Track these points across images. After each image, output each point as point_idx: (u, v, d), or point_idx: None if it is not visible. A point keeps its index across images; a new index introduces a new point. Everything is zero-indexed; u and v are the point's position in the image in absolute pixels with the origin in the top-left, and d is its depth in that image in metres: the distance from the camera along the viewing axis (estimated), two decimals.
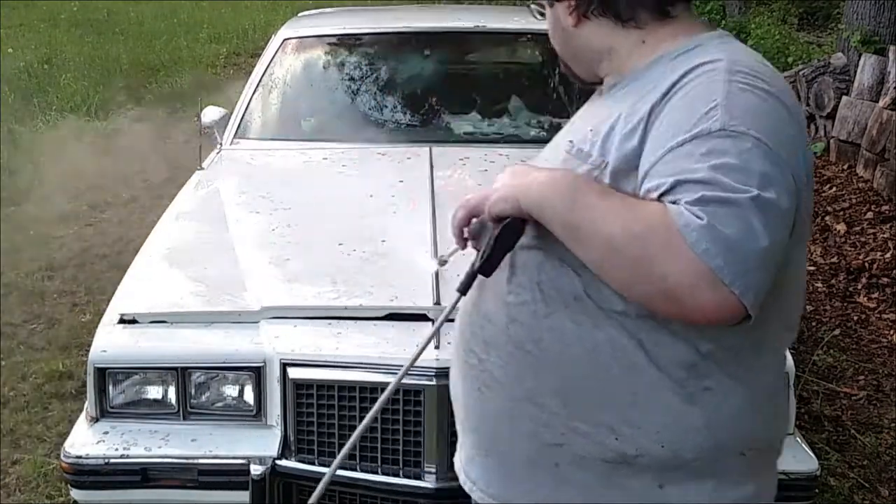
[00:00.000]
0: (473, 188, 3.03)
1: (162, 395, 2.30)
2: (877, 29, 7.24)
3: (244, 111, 3.73)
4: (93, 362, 2.28)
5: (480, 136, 3.62)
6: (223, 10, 14.39)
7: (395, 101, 3.88)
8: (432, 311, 2.24)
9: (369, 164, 3.35)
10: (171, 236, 2.79)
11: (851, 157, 6.29)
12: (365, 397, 2.17)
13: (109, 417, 2.31)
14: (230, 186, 3.15)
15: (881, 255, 4.92)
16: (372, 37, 4.14)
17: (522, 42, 4.31)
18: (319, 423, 2.20)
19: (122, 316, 2.36)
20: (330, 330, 2.26)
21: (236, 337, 2.28)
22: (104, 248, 5.21)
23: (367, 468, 2.19)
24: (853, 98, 6.34)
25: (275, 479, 2.19)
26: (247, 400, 2.28)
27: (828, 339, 4.15)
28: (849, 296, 4.58)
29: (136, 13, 13.70)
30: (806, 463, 2.22)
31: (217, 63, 10.96)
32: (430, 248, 2.53)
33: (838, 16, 9.14)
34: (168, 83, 9.64)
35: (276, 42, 4.00)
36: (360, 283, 2.39)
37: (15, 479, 3.06)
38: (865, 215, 5.50)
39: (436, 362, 2.12)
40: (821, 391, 3.67)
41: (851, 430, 3.40)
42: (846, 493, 3.03)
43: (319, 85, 3.99)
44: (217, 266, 2.56)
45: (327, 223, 2.79)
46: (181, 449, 2.24)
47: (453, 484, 2.13)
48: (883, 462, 3.22)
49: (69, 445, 2.27)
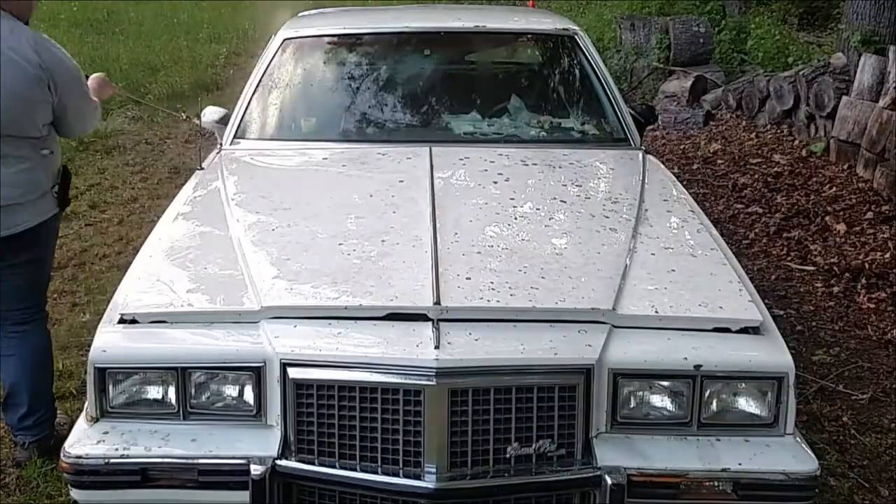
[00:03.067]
0: (473, 188, 3.06)
1: (162, 395, 2.30)
2: (877, 29, 7.25)
3: (244, 111, 3.73)
4: (93, 362, 2.28)
5: (480, 136, 3.63)
6: (223, 10, 14.40)
7: (394, 100, 3.88)
8: (432, 311, 2.24)
9: (369, 164, 3.35)
10: (171, 236, 2.79)
11: (851, 157, 6.29)
12: (365, 397, 2.17)
13: (109, 417, 2.31)
14: (230, 186, 3.15)
15: (881, 255, 4.92)
16: (372, 37, 4.14)
17: (522, 42, 4.31)
18: (319, 423, 2.20)
19: (122, 316, 2.36)
20: (330, 330, 2.26)
21: (236, 337, 2.27)
22: (104, 248, 5.21)
23: (367, 468, 2.19)
24: (853, 98, 6.34)
25: (275, 479, 2.19)
26: (247, 400, 2.28)
27: (828, 338, 4.16)
28: (849, 296, 4.58)
29: (136, 13, 13.72)
30: (806, 463, 2.22)
31: (217, 63, 10.97)
32: (430, 248, 2.53)
33: (838, 16, 9.15)
34: (168, 83, 9.64)
35: (276, 42, 3.99)
36: (360, 283, 2.39)
37: (15, 479, 3.06)
38: (865, 215, 5.50)
39: (436, 362, 2.12)
40: (821, 391, 3.67)
41: (851, 430, 3.40)
42: (846, 493, 3.03)
43: (319, 85, 3.99)
44: (217, 266, 2.55)
45: (327, 223, 2.79)
46: (181, 449, 2.24)
47: (453, 484, 2.15)
48: (883, 462, 3.22)
49: (69, 445, 2.27)
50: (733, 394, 2.29)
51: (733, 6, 10.88)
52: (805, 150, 6.87)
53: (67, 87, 2.86)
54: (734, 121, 8.02)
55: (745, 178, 6.48)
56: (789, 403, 2.25)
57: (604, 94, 3.81)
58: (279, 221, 2.82)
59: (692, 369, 2.22)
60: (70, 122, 2.97)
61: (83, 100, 2.97)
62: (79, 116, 3.00)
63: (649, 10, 11.43)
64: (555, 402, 2.18)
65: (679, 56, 9.22)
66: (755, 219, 5.72)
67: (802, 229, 5.46)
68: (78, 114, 2.98)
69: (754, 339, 2.30)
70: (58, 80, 2.81)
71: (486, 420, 2.15)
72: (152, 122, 8.31)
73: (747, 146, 7.28)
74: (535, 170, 3.28)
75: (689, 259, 2.62)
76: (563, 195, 3.04)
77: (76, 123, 3.02)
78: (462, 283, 2.36)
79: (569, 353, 2.20)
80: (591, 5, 13.00)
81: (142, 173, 6.86)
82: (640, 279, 2.46)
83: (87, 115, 3.04)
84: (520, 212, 2.88)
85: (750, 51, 9.52)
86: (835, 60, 7.06)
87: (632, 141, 3.65)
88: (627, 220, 2.84)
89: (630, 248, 2.64)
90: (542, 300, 2.32)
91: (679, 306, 2.34)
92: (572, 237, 2.74)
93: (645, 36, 9.70)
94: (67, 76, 2.87)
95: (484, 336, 2.21)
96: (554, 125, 3.74)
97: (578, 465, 2.20)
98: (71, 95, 2.88)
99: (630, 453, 2.21)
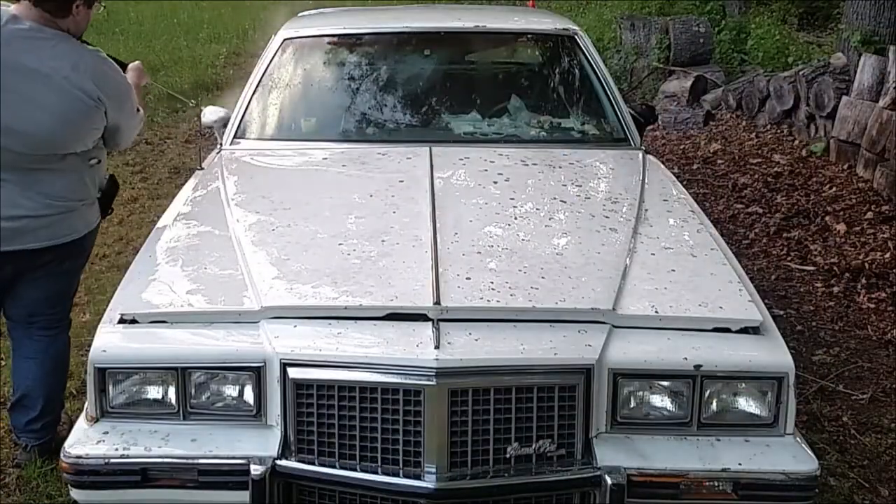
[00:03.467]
0: (473, 188, 3.06)
1: (162, 395, 2.30)
2: (877, 29, 7.26)
3: (244, 111, 3.72)
4: (93, 362, 2.28)
5: (480, 136, 3.63)
6: (223, 10, 14.40)
7: (395, 100, 3.88)
8: (432, 311, 2.24)
9: (369, 164, 3.35)
10: (171, 236, 2.79)
11: (851, 157, 6.29)
12: (365, 397, 2.17)
13: (109, 417, 2.31)
14: (230, 186, 3.15)
15: (881, 255, 4.92)
16: (372, 37, 4.14)
17: (522, 42, 4.31)
18: (319, 423, 2.20)
19: (122, 316, 2.36)
20: (330, 330, 2.26)
21: (236, 337, 2.27)
22: (104, 248, 5.20)
23: (367, 468, 2.19)
24: (853, 98, 6.34)
25: (275, 479, 2.19)
26: (247, 400, 2.28)
27: (828, 338, 4.16)
28: (849, 296, 4.58)
29: (136, 13, 13.71)
30: (806, 463, 2.22)
31: (217, 63, 10.97)
32: (430, 248, 2.53)
33: (838, 16, 9.15)
34: (168, 83, 9.63)
35: (275, 42, 3.99)
36: (360, 283, 2.39)
37: (15, 479, 3.06)
38: (865, 215, 5.50)
39: (436, 362, 2.12)
40: (821, 391, 3.67)
41: (851, 430, 3.40)
42: (846, 493, 3.03)
43: (319, 85, 3.99)
44: (217, 266, 2.55)
45: (327, 223, 2.79)
46: (181, 449, 2.24)
47: (453, 484, 2.15)
48: (883, 462, 3.22)
49: (69, 445, 2.27)
50: (733, 394, 2.29)
51: (733, 6, 10.88)
52: (805, 150, 6.87)
53: (120, 110, 2.86)
54: (734, 121, 8.02)
55: (745, 178, 6.48)
56: (789, 403, 2.25)
57: (604, 94, 3.81)
58: (279, 221, 2.82)
59: (692, 369, 2.22)
60: (117, 139, 2.97)
61: (133, 118, 2.98)
62: (127, 133, 3.01)
63: (649, 10, 11.44)
64: (555, 402, 2.18)
65: (679, 56, 9.22)
66: (755, 219, 5.72)
67: (802, 229, 5.46)
68: (127, 132, 2.99)
69: (754, 339, 2.30)
70: (113, 105, 2.80)
71: (486, 420, 2.15)
72: (152, 122, 8.30)
73: (747, 146, 7.28)
74: (535, 170, 3.28)
75: (689, 259, 2.62)
76: (563, 195, 3.04)
77: (123, 139, 3.03)
78: (462, 283, 2.36)
79: (569, 353, 2.20)
80: (591, 5, 13.01)
81: (142, 173, 6.86)
82: (640, 279, 2.46)
83: (135, 129, 3.06)
84: (520, 212, 2.88)
85: (750, 51, 9.52)
86: (835, 60, 7.05)
87: (632, 141, 3.65)
88: (627, 220, 2.84)
89: (630, 248, 2.64)
90: (542, 300, 2.32)
91: (679, 306, 2.34)
92: (572, 237, 2.74)
93: (645, 36, 9.70)
94: (122, 99, 2.86)
95: (484, 336, 2.21)
96: (554, 125, 3.74)
97: (578, 465, 2.20)
98: (122, 117, 2.89)
99: (630, 453, 2.21)
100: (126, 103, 2.89)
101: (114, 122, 2.85)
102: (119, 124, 2.89)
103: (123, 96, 2.87)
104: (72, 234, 2.87)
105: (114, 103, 2.80)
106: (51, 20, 2.70)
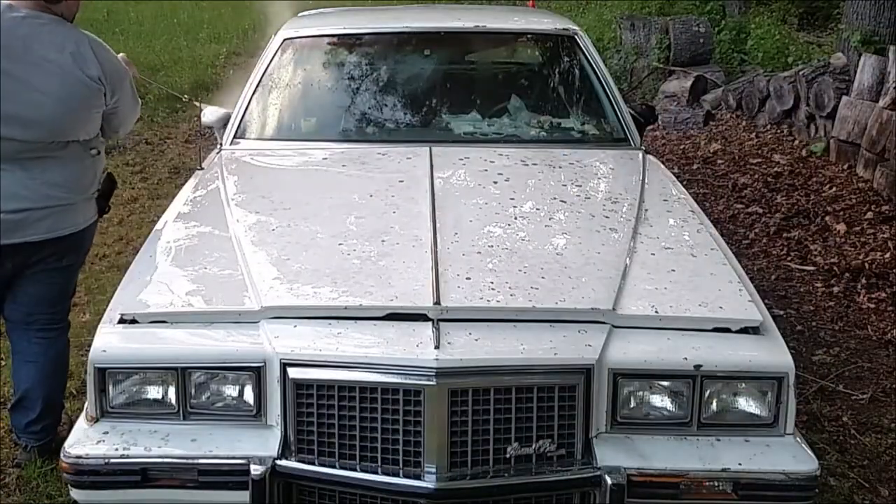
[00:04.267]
0: (473, 188, 3.06)
1: (162, 395, 2.30)
2: (877, 29, 7.26)
3: (244, 111, 3.72)
4: (93, 362, 2.28)
5: (480, 136, 3.63)
6: (223, 10, 14.39)
7: (394, 100, 3.88)
8: (432, 311, 2.24)
9: (369, 164, 3.35)
10: (171, 236, 2.79)
11: (851, 157, 6.29)
12: (365, 397, 2.17)
13: (109, 417, 2.31)
14: (230, 186, 3.15)
15: (881, 255, 4.92)
16: (372, 37, 4.14)
17: (522, 42, 4.31)
18: (319, 423, 2.20)
19: (122, 316, 2.36)
20: (330, 330, 2.26)
21: (236, 337, 2.27)
22: (104, 248, 5.20)
23: (367, 468, 2.19)
24: (853, 98, 6.34)
25: (275, 479, 2.19)
26: (247, 400, 2.28)
27: (828, 338, 4.16)
28: (849, 296, 4.58)
29: (136, 13, 13.71)
30: (806, 463, 2.21)
31: (217, 63, 10.96)
32: (430, 248, 2.53)
33: (838, 16, 9.15)
34: (168, 83, 9.63)
35: (275, 42, 3.99)
36: (360, 283, 2.39)
37: (15, 479, 3.05)
38: (865, 215, 5.50)
39: (436, 362, 2.12)
40: (821, 391, 3.67)
41: (851, 430, 3.40)
42: (846, 493, 3.03)
43: (319, 85, 3.99)
44: (217, 266, 2.55)
45: (327, 223, 2.79)
46: (181, 449, 2.24)
47: (453, 484, 2.15)
48: (883, 462, 3.22)
49: (69, 445, 2.27)
50: (733, 394, 2.29)
51: (733, 6, 10.89)
52: (805, 150, 6.87)
53: (121, 89, 2.88)
54: (734, 121, 8.02)
55: (745, 178, 6.48)
56: (789, 403, 2.25)
57: (604, 94, 3.81)
58: (279, 221, 2.82)
59: (692, 369, 2.21)
60: (115, 124, 2.99)
61: (132, 100, 2.99)
62: (126, 119, 3.02)
63: (649, 10, 11.44)
64: (555, 402, 2.18)
65: (679, 56, 9.23)
66: (755, 219, 5.72)
67: (802, 229, 5.46)
68: (127, 116, 3.01)
69: (754, 339, 2.30)
70: (114, 88, 2.83)
71: (486, 420, 2.15)
72: (152, 122, 8.31)
73: (747, 146, 7.28)
74: (535, 170, 3.28)
75: (689, 259, 2.62)
76: (563, 195, 3.04)
77: (121, 125, 3.04)
78: (462, 283, 2.36)
79: (569, 353, 2.20)
80: (591, 5, 13.01)
81: (142, 173, 6.86)
82: (640, 279, 2.46)
83: (134, 114, 3.07)
84: (520, 212, 2.88)
85: (750, 51, 9.52)
86: (835, 60, 7.06)
87: (632, 141, 3.65)
88: (627, 220, 2.84)
89: (630, 248, 2.64)
90: (542, 300, 2.32)
91: (679, 306, 2.34)
92: (572, 237, 2.74)
93: (645, 36, 9.70)
94: (121, 79, 2.88)
95: (484, 336, 2.21)
96: (554, 125, 3.75)
97: (578, 465, 2.20)
98: (122, 98, 2.90)
99: (630, 453, 2.21)
100: (125, 82, 2.91)
101: (114, 103, 2.86)
102: (119, 106, 2.90)
103: (122, 76, 2.89)
104: (71, 227, 2.87)
105: (114, 83, 2.82)
106: (45, 6, 2.74)
